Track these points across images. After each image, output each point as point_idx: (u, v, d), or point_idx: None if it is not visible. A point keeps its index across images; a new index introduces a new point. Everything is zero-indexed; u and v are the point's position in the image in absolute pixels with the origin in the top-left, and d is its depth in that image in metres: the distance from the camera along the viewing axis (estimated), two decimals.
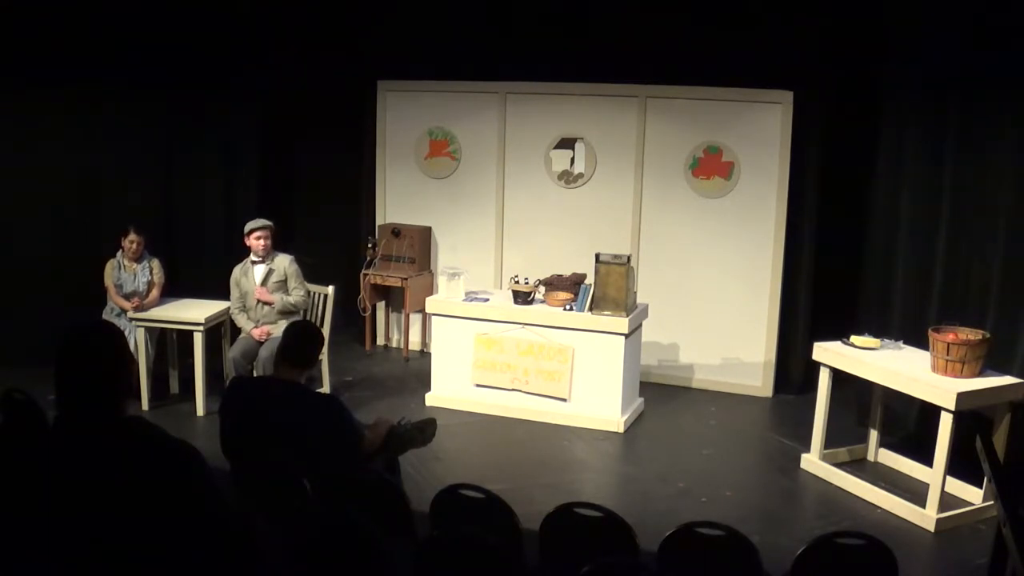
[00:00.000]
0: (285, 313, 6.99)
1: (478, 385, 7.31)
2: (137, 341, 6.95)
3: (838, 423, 6.48)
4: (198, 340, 6.97)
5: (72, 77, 7.56)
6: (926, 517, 5.49)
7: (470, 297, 7.42)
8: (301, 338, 4.51)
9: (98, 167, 7.87)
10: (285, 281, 7.07)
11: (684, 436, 7.03)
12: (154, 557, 2.52)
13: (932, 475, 5.54)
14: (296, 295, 7.06)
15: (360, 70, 8.78)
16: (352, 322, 8.95)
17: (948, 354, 5.51)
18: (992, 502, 4.34)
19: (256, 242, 7.02)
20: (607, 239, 7.83)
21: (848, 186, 7.53)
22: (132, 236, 7.11)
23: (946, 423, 5.39)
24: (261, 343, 6.88)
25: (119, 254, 7.18)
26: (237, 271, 7.13)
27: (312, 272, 7.39)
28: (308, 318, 7.28)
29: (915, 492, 5.83)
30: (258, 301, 7.01)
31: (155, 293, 7.22)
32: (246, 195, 8.58)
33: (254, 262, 7.07)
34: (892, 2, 6.93)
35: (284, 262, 7.07)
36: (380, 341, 9.16)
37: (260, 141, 8.71)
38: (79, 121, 7.75)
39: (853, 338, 6.15)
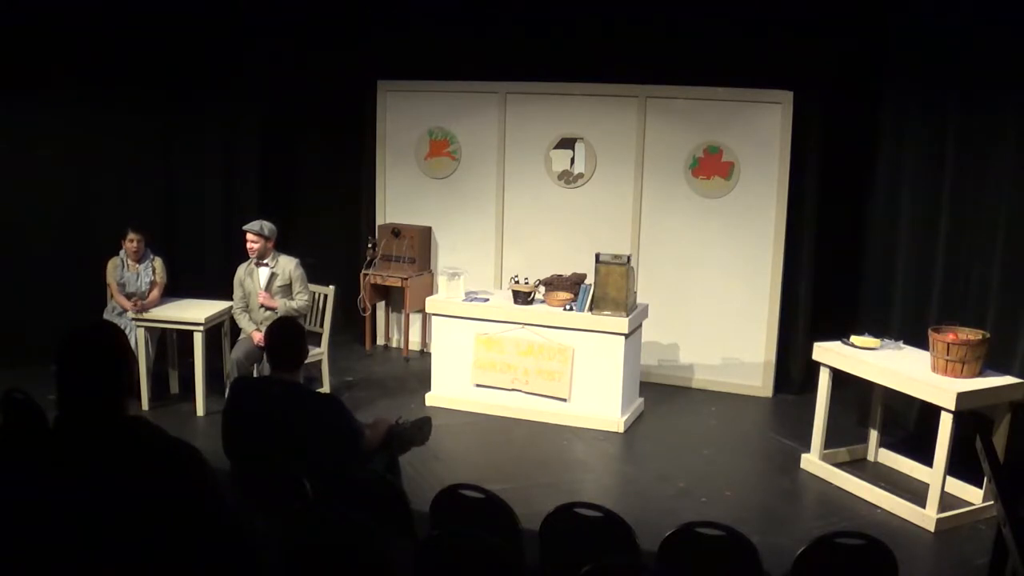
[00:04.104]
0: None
1: (478, 385, 7.31)
2: (137, 341, 6.95)
3: (838, 423, 6.48)
4: (198, 340, 6.97)
5: (72, 77, 7.57)
6: (926, 517, 5.49)
7: (470, 297, 7.42)
8: (285, 338, 4.46)
9: (98, 167, 7.87)
10: (289, 285, 7.04)
11: (684, 436, 7.03)
12: (154, 557, 2.52)
13: (932, 475, 5.54)
14: (300, 299, 7.03)
15: (360, 70, 8.78)
16: (352, 322, 8.95)
17: (948, 354, 5.51)
18: (992, 502, 4.34)
19: (248, 244, 6.99)
20: (607, 239, 7.83)
21: (848, 186, 7.53)
22: (131, 235, 7.11)
23: (946, 423, 5.39)
24: (262, 348, 6.84)
25: (122, 253, 7.18)
26: (241, 271, 7.10)
27: (312, 272, 7.38)
28: (308, 318, 7.27)
29: (915, 492, 5.82)
30: (261, 304, 6.99)
31: (155, 294, 7.21)
32: (246, 195, 8.59)
33: (258, 264, 7.04)
34: (892, 2, 6.94)
35: (289, 265, 7.03)
36: (380, 341, 9.16)
37: (260, 141, 8.71)
38: (79, 121, 7.74)
39: (853, 338, 6.15)
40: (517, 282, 7.40)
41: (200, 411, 7.06)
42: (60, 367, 2.58)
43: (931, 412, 5.70)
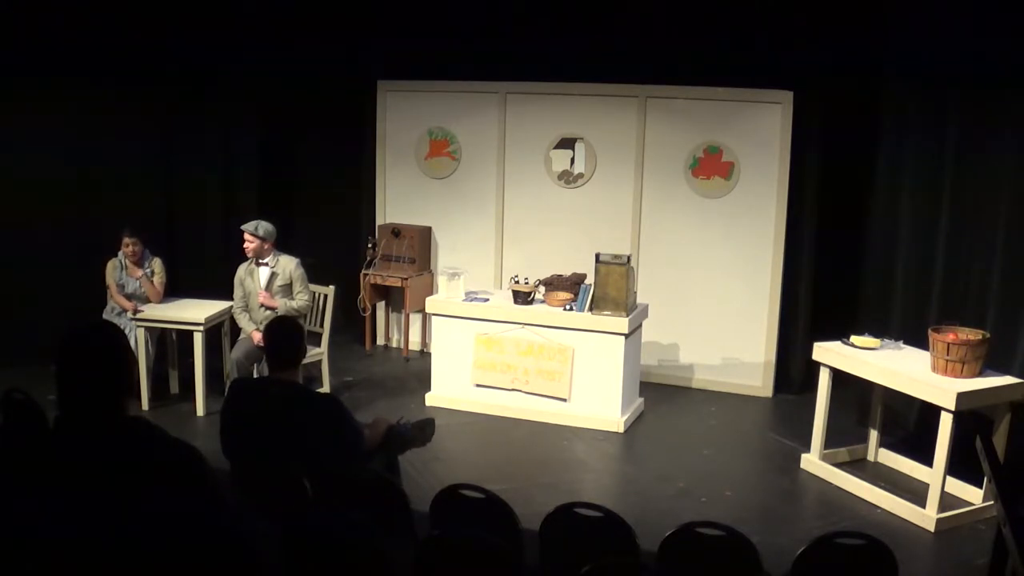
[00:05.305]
0: None
1: (478, 385, 7.31)
2: (137, 341, 6.95)
3: (838, 423, 6.48)
4: (198, 340, 6.97)
5: (72, 77, 7.56)
6: (926, 517, 5.49)
7: (470, 297, 7.42)
8: (284, 337, 4.45)
9: (98, 167, 7.87)
10: (290, 285, 7.03)
11: (684, 436, 7.03)
12: (154, 557, 2.52)
13: (932, 475, 5.54)
14: (300, 299, 7.02)
15: (360, 70, 8.78)
16: (352, 322, 8.95)
17: (948, 354, 5.51)
18: (992, 502, 4.34)
19: (244, 244, 6.99)
20: (607, 239, 7.83)
21: (848, 186, 7.53)
22: (126, 240, 7.11)
23: (946, 423, 5.39)
24: (262, 348, 6.84)
25: (120, 254, 7.18)
26: (242, 270, 7.10)
27: (312, 272, 7.38)
28: (308, 318, 7.27)
29: (915, 492, 5.83)
30: (261, 304, 6.99)
31: (157, 289, 7.20)
32: (246, 195, 8.59)
33: (258, 263, 7.04)
34: (892, 2, 6.94)
35: (290, 265, 7.03)
36: (380, 341, 9.16)
37: (260, 141, 8.71)
38: (79, 121, 7.74)
39: (853, 338, 6.15)
40: (517, 282, 7.40)
41: (200, 411, 7.06)
42: (60, 367, 2.58)
43: (931, 412, 5.70)
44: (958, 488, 5.78)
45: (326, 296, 7.51)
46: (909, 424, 6.80)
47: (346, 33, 8.64)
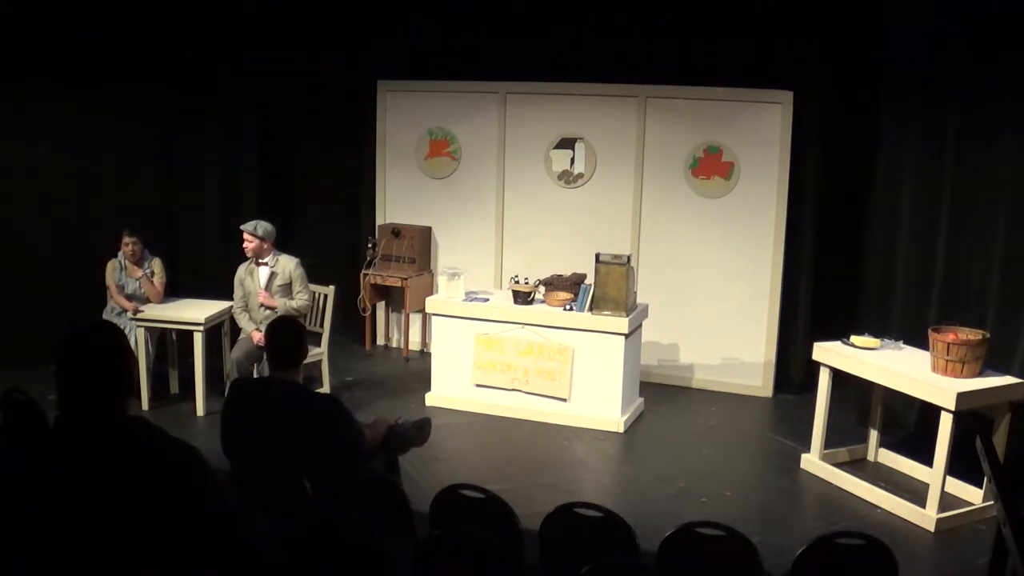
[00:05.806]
0: None
1: (478, 385, 7.31)
2: (137, 341, 6.95)
3: (838, 423, 6.48)
4: (198, 340, 6.97)
5: (73, 77, 7.57)
6: (926, 517, 5.49)
7: (470, 297, 7.42)
8: (286, 337, 4.46)
9: (98, 167, 7.87)
10: (289, 284, 7.03)
11: (684, 436, 7.03)
12: (155, 557, 2.52)
13: (932, 475, 5.54)
14: (300, 299, 7.02)
15: (360, 70, 8.79)
16: (352, 322, 8.95)
17: (948, 354, 5.51)
18: (992, 502, 4.34)
19: (243, 244, 7.00)
20: (607, 239, 7.83)
21: (848, 186, 7.53)
22: (126, 239, 7.11)
23: (946, 423, 5.39)
24: (262, 348, 6.84)
25: (120, 255, 7.18)
26: (242, 270, 7.10)
27: (312, 272, 7.38)
28: (308, 318, 7.27)
29: (915, 492, 5.83)
30: (261, 304, 6.99)
31: (157, 289, 7.20)
32: (246, 195, 8.59)
33: (258, 263, 7.04)
34: (892, 2, 6.94)
35: (289, 265, 7.03)
36: (380, 341, 9.16)
37: (260, 141, 8.71)
38: (79, 121, 7.74)
39: (853, 338, 6.16)
40: (517, 282, 7.40)
41: (200, 411, 7.06)
42: (60, 367, 2.58)
43: (931, 412, 5.70)
44: (958, 488, 5.78)
45: (326, 296, 7.51)
46: (909, 424, 6.80)
47: (346, 33, 8.65)
